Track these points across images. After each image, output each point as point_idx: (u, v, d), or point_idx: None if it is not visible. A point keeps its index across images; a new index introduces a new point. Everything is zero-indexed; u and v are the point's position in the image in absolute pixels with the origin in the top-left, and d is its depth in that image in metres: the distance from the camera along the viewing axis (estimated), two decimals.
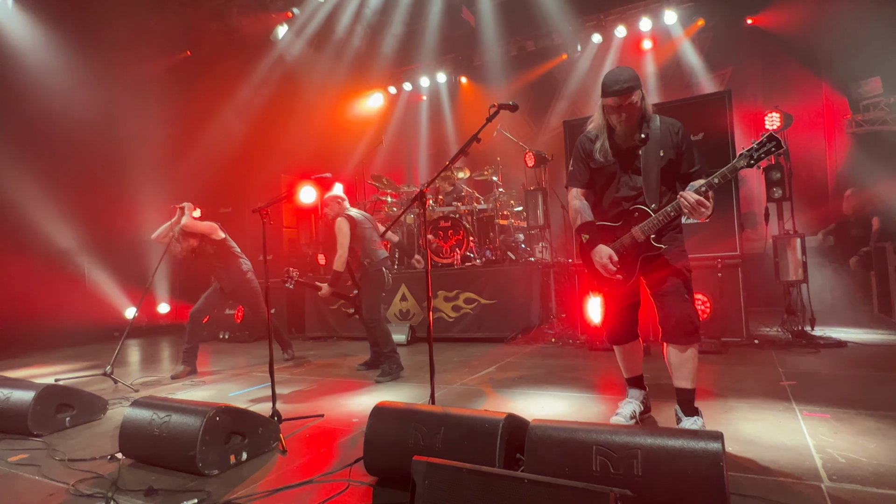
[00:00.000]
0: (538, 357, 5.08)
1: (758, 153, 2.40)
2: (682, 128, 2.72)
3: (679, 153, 2.67)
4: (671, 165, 2.67)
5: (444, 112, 10.66)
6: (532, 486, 1.55)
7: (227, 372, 5.28)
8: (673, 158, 2.67)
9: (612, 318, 2.92)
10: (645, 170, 2.67)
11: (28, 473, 2.73)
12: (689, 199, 2.43)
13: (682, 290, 2.65)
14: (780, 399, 3.22)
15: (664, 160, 2.66)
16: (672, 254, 2.69)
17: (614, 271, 2.66)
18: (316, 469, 2.53)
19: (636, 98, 2.60)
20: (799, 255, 5.08)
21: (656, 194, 2.64)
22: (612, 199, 2.77)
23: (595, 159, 2.79)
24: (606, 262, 2.66)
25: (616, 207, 2.76)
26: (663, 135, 2.68)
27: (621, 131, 2.69)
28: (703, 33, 8.67)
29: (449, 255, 6.96)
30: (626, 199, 2.72)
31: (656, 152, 2.66)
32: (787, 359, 4.33)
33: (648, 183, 2.65)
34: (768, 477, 2.15)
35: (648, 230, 2.61)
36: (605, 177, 2.79)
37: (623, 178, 2.73)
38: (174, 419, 2.63)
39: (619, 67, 2.68)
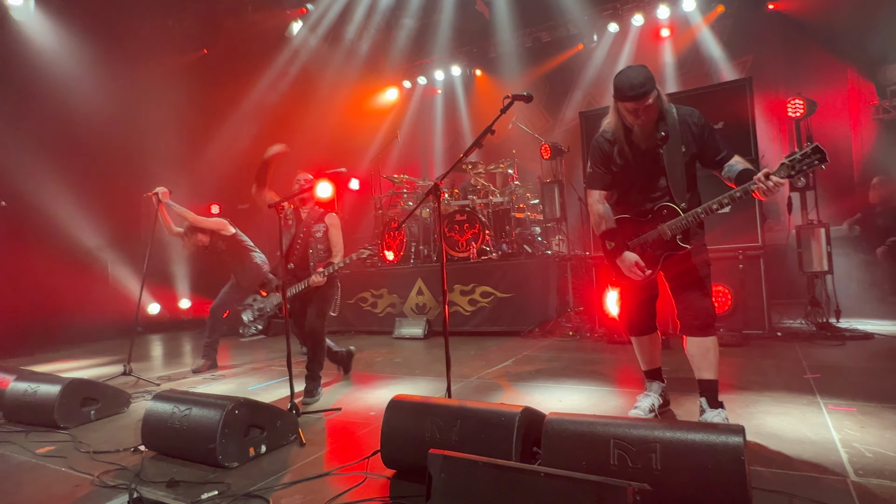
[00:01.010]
0: (555, 350, 5.05)
1: (801, 164, 2.27)
2: (699, 115, 2.65)
3: (701, 144, 2.61)
4: (694, 160, 2.64)
5: (459, 105, 10.61)
6: (549, 480, 1.54)
7: (247, 366, 5.34)
8: (696, 152, 2.63)
9: (630, 310, 2.90)
10: (669, 169, 2.62)
11: (55, 465, 2.80)
12: (764, 183, 2.30)
13: (702, 284, 2.63)
14: (803, 392, 3.15)
15: (687, 155, 2.62)
16: (695, 251, 2.65)
17: (643, 277, 2.65)
18: (334, 462, 2.55)
19: (652, 100, 2.52)
20: (823, 246, 4.96)
21: (683, 192, 2.61)
22: (638, 198, 2.74)
23: (616, 162, 2.74)
24: (634, 268, 2.65)
25: (642, 205, 2.73)
26: (682, 128, 2.62)
27: (639, 132, 2.63)
28: (722, 20, 8.47)
29: (465, 248, 6.94)
30: (652, 200, 2.69)
31: (678, 149, 2.60)
32: (810, 351, 4.24)
33: (675, 182, 2.61)
34: (792, 471, 2.11)
35: (676, 229, 2.58)
36: (628, 178, 2.75)
37: (648, 179, 2.70)
38: (194, 412, 2.67)
39: (631, 68, 2.56)
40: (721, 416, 2.56)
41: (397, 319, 6.75)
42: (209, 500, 2.21)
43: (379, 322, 7.10)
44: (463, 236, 6.98)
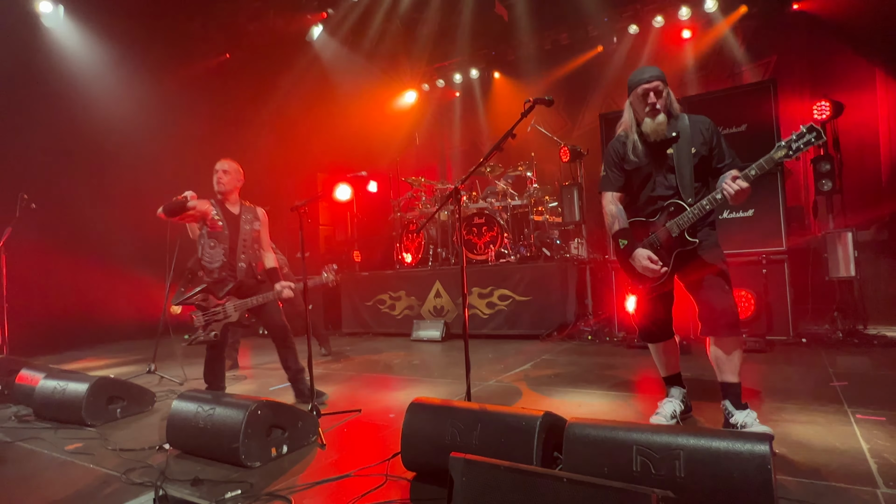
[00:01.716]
0: (574, 354, 5.02)
1: (797, 144, 2.35)
2: (711, 123, 2.72)
3: (710, 149, 2.66)
4: (703, 162, 2.66)
5: (478, 108, 10.61)
6: (571, 486, 1.54)
7: (268, 366, 5.41)
8: (705, 155, 2.66)
9: (645, 317, 2.88)
10: (678, 167, 2.67)
11: (83, 462, 2.87)
12: (731, 187, 2.40)
13: (721, 282, 2.61)
14: (830, 400, 3.09)
15: (696, 157, 2.66)
16: (707, 249, 2.67)
17: (659, 273, 2.63)
18: (354, 463, 2.57)
19: (663, 88, 2.65)
20: (850, 251, 4.86)
21: (691, 190, 2.63)
22: (648, 197, 2.78)
23: (629, 160, 2.80)
24: (647, 263, 2.65)
25: (652, 205, 2.77)
26: (693, 132, 2.68)
27: (650, 123, 2.67)
28: (745, 21, 8.34)
29: (483, 251, 6.94)
30: (662, 198, 2.72)
31: (688, 150, 2.66)
32: (837, 359, 4.15)
33: (683, 180, 2.65)
34: (819, 481, 2.07)
35: (683, 224, 2.60)
36: (640, 177, 2.79)
37: (658, 178, 2.74)
38: (218, 412, 2.72)
39: (644, 66, 2.76)
40: (751, 416, 2.51)
41: (415, 322, 6.77)
42: (233, 499, 2.24)
43: (397, 324, 7.13)
44: (481, 239, 6.98)
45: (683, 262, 2.67)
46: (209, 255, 3.81)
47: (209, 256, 3.81)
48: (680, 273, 2.72)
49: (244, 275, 3.86)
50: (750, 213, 5.04)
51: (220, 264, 3.81)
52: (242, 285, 3.84)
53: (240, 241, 3.87)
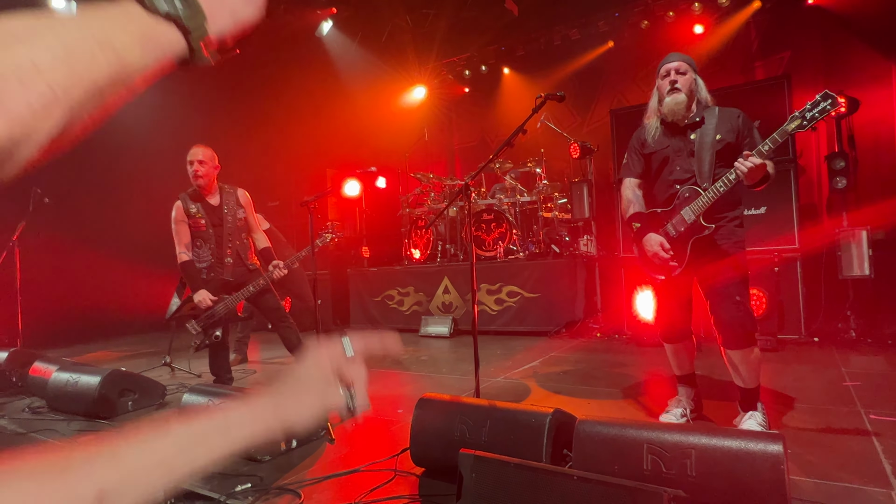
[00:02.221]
0: (583, 352, 5.00)
1: (811, 113, 2.26)
2: (742, 114, 2.64)
3: (739, 136, 2.57)
4: (728, 149, 2.56)
5: (487, 104, 10.57)
6: (581, 484, 1.53)
7: (277, 361, 5.44)
8: (732, 142, 2.57)
9: (664, 314, 2.83)
10: (698, 152, 2.60)
11: None
12: (744, 164, 2.31)
13: (734, 291, 2.52)
14: (843, 401, 3.05)
15: (721, 143, 2.57)
16: (727, 246, 2.58)
17: (667, 259, 2.58)
18: (363, 458, 2.58)
19: (686, 70, 2.61)
20: (865, 249, 4.79)
21: (709, 176, 2.55)
22: (665, 182, 2.71)
23: (648, 145, 2.75)
24: (657, 249, 2.59)
25: (668, 190, 2.69)
26: (722, 120, 2.60)
27: (668, 101, 2.61)
28: (759, 16, 8.23)
29: (492, 247, 6.92)
30: (679, 182, 2.65)
31: (712, 135, 2.59)
32: (850, 358, 4.10)
33: (701, 165, 2.58)
34: (832, 482, 2.05)
35: (698, 210, 2.52)
36: (658, 162, 2.73)
37: (676, 162, 2.67)
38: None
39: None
40: (756, 419, 2.49)
41: (423, 318, 6.77)
42: (243, 492, 2.26)
43: (405, 320, 7.14)
44: (490, 235, 6.96)
45: (701, 255, 2.58)
46: (196, 256, 3.67)
47: (197, 257, 3.67)
48: (697, 270, 2.64)
49: (232, 269, 3.74)
50: (762, 211, 4.98)
51: (208, 264, 3.69)
52: (226, 281, 3.72)
53: (225, 236, 3.70)
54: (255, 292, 3.71)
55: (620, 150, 5.91)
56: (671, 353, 2.90)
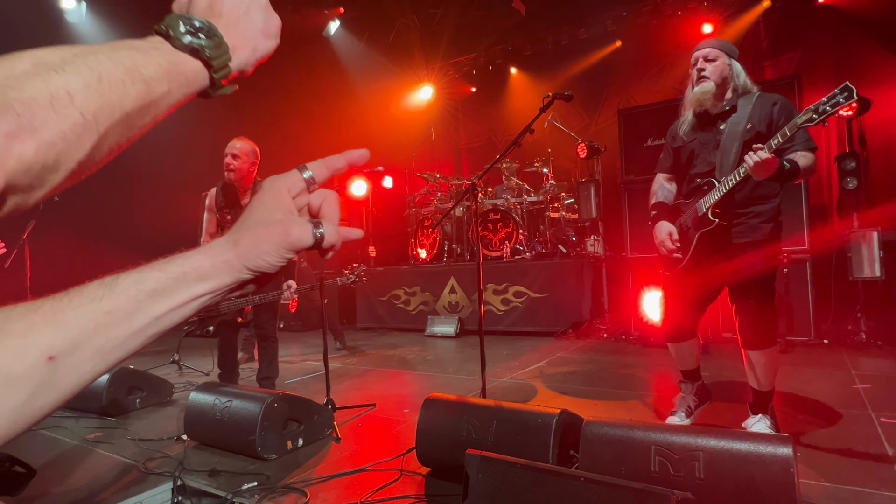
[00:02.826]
0: (589, 352, 4.98)
1: (824, 107, 2.14)
2: (782, 100, 2.46)
3: (771, 127, 2.39)
4: (759, 139, 2.35)
5: (494, 103, 10.56)
6: (588, 485, 1.52)
7: (283, 360, 5.44)
8: (763, 132, 2.40)
9: (670, 314, 2.77)
10: (724, 143, 2.48)
11: (103, 450, 2.92)
12: (751, 158, 2.19)
13: (750, 291, 2.46)
14: (853, 403, 3.02)
15: (751, 133, 2.42)
16: (742, 243, 2.47)
17: (672, 249, 2.53)
18: (369, 457, 2.58)
19: (716, 56, 2.48)
20: (875, 250, 4.74)
21: (731, 168, 2.40)
22: (689, 175, 2.64)
23: (678, 138, 2.68)
24: (664, 238, 2.55)
25: (691, 183, 2.62)
26: (756, 107, 2.45)
27: (694, 92, 2.53)
28: (768, 15, 8.17)
29: (498, 247, 6.91)
30: (700, 175, 2.56)
31: (743, 125, 2.45)
32: (860, 361, 4.06)
33: (724, 157, 2.46)
34: (842, 485, 2.03)
35: (709, 203, 2.44)
36: (686, 155, 2.66)
37: (702, 154, 2.58)
38: (235, 404, 2.74)
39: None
40: (765, 422, 2.47)
41: (429, 317, 6.77)
42: (249, 490, 2.26)
43: (411, 319, 7.15)
44: (496, 235, 6.95)
45: (711, 251, 2.49)
46: None
47: None
48: (708, 270, 2.53)
49: None
50: None
51: None
52: None
53: None
54: (260, 304, 3.59)
55: (628, 149, 5.88)
56: (675, 351, 2.83)
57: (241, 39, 0.64)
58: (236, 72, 0.65)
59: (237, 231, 0.55)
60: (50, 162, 0.46)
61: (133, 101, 0.52)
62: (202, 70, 0.60)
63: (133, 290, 0.48)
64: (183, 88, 0.58)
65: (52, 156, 0.45)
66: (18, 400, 0.41)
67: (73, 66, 0.48)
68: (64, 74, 0.47)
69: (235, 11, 0.64)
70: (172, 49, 0.57)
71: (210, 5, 0.62)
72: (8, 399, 0.40)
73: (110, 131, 0.50)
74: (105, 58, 0.50)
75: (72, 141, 0.47)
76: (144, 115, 0.55)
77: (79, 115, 0.47)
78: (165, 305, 0.49)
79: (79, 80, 0.47)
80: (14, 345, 0.41)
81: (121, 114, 0.51)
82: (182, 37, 0.58)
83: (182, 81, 0.58)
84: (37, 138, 0.44)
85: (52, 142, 0.45)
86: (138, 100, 0.52)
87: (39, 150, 0.44)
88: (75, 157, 0.48)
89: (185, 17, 0.59)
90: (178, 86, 0.57)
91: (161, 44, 0.57)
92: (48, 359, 0.42)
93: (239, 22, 0.64)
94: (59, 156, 0.46)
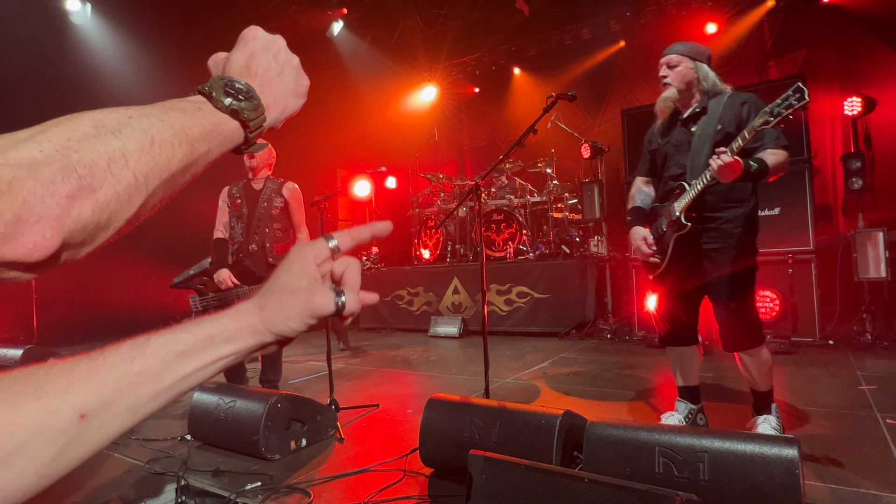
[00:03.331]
0: (593, 353, 4.97)
1: (778, 108, 2.16)
2: (751, 99, 2.47)
3: (741, 127, 2.37)
4: (729, 140, 2.34)
5: (497, 104, 10.56)
6: (593, 486, 1.52)
7: (286, 360, 5.45)
8: (731, 132, 2.40)
9: (663, 315, 2.72)
10: (695, 145, 2.49)
11: (107, 450, 2.92)
12: (714, 162, 2.19)
13: (726, 295, 2.43)
14: (859, 405, 3.01)
15: (720, 134, 2.43)
16: (714, 247, 2.47)
17: (649, 253, 2.55)
18: (372, 458, 2.58)
19: (679, 62, 2.52)
20: (881, 251, 4.72)
21: (700, 171, 2.41)
22: (664, 178, 2.66)
23: (654, 142, 2.72)
24: (640, 243, 2.57)
25: (665, 187, 2.64)
26: (726, 108, 2.47)
27: (659, 100, 2.60)
28: (773, 14, 8.15)
29: (502, 248, 6.91)
30: (673, 178, 2.58)
31: (712, 126, 2.46)
32: (866, 361, 4.04)
33: (695, 159, 2.47)
34: (849, 487, 2.01)
35: (681, 207, 2.44)
36: (661, 158, 2.68)
37: (675, 157, 2.60)
38: (238, 405, 2.75)
39: None
40: (770, 422, 2.46)
41: (433, 318, 6.77)
42: (253, 490, 2.27)
43: (415, 320, 7.15)
44: (500, 236, 6.95)
45: (688, 255, 2.49)
46: (232, 235, 3.60)
47: (232, 236, 3.60)
48: (690, 273, 2.53)
49: (253, 258, 3.55)
50: (776, 212, 4.92)
51: (237, 246, 3.58)
52: (250, 270, 3.53)
53: (254, 220, 3.55)
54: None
55: (631, 150, 5.86)
56: (673, 359, 2.76)
57: (274, 99, 0.67)
58: (267, 129, 0.68)
59: (264, 296, 0.57)
60: (103, 221, 0.48)
61: (179, 162, 0.55)
62: (239, 130, 0.63)
63: (163, 351, 0.50)
64: (221, 147, 0.62)
65: (105, 215, 0.48)
66: (49, 456, 0.42)
67: (129, 129, 0.50)
68: (121, 137, 0.49)
69: (270, 72, 0.67)
70: (214, 110, 0.60)
71: (247, 65, 0.65)
72: (40, 455, 0.42)
73: (157, 190, 0.54)
74: (157, 121, 0.53)
75: (124, 201, 0.49)
76: (186, 174, 0.58)
77: (132, 177, 0.50)
78: (192, 366, 0.51)
79: (134, 143, 0.50)
80: (51, 403, 0.42)
81: (168, 174, 0.54)
82: (224, 99, 0.60)
83: (221, 141, 0.61)
84: (94, 199, 0.46)
85: (108, 202, 0.48)
86: (183, 160, 0.55)
87: (95, 211, 0.47)
88: (125, 216, 0.51)
89: (226, 79, 0.62)
90: (217, 145, 0.60)
91: (204, 104, 0.60)
92: (80, 416, 0.43)
93: (273, 82, 0.67)
94: (112, 215, 0.49)
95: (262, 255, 3.58)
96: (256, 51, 0.66)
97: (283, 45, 0.70)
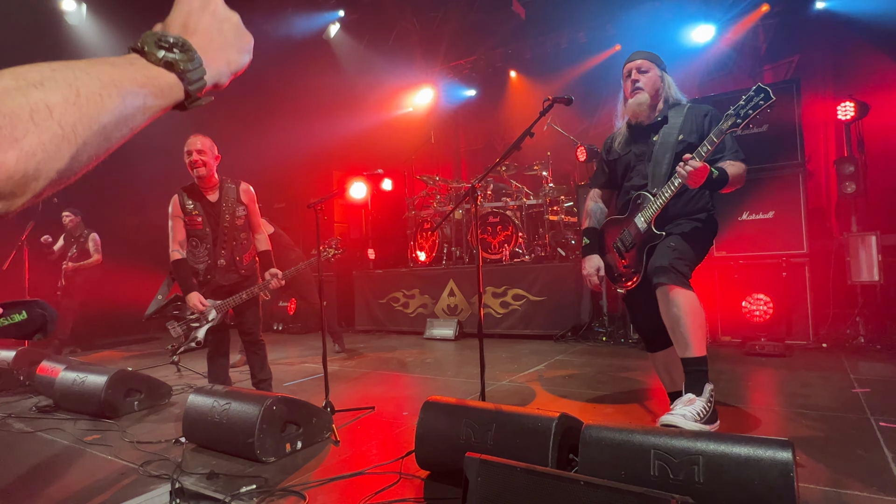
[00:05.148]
0: (588, 356, 4.98)
1: (744, 110, 2.18)
2: (712, 112, 2.52)
3: (702, 137, 2.40)
4: (690, 150, 2.37)
5: (494, 106, 10.58)
6: (588, 489, 1.52)
7: (281, 363, 5.44)
8: (693, 143, 2.43)
9: (640, 324, 2.70)
10: (656, 154, 2.51)
11: (101, 453, 2.91)
12: (683, 168, 2.24)
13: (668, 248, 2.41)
14: (852, 408, 3.02)
15: (682, 144, 2.47)
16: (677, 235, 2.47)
17: (596, 284, 2.62)
18: (368, 460, 2.57)
19: (649, 68, 2.54)
20: (874, 254, 4.75)
21: (663, 180, 2.43)
22: (624, 188, 2.68)
23: (613, 151, 2.73)
24: (592, 273, 2.62)
25: (626, 196, 2.65)
26: (687, 119, 2.51)
27: (630, 103, 2.59)
28: (767, 19, 8.20)
29: (497, 250, 6.92)
30: (634, 188, 2.59)
31: (675, 136, 2.50)
32: (859, 364, 4.06)
33: (657, 168, 2.49)
34: (843, 490, 2.02)
35: (649, 217, 2.45)
36: (622, 168, 2.70)
37: (637, 167, 2.62)
38: (233, 407, 2.74)
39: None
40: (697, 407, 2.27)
41: (428, 320, 6.77)
42: (248, 493, 2.26)
43: (410, 322, 7.14)
44: (496, 238, 6.95)
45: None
46: (193, 257, 3.41)
47: (193, 257, 3.41)
48: None
49: (224, 272, 3.46)
50: (770, 216, 4.95)
51: (205, 265, 3.42)
52: (220, 285, 3.47)
53: (220, 236, 3.41)
54: (242, 303, 3.48)
55: None
56: (659, 366, 2.73)
57: (215, 54, 0.69)
58: (211, 84, 0.69)
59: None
60: (31, 171, 0.49)
61: (110, 114, 0.56)
62: (177, 83, 0.63)
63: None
64: (159, 101, 0.62)
65: (32, 165, 0.49)
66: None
67: (52, 82, 0.52)
68: (43, 90, 0.51)
69: (208, 28, 0.68)
70: (147, 64, 0.61)
71: (184, 24, 0.67)
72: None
73: (88, 142, 0.54)
74: (82, 73, 0.54)
75: (51, 151, 0.50)
76: (122, 127, 0.58)
77: (57, 127, 0.51)
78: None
79: (57, 95, 0.51)
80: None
81: (98, 126, 0.55)
82: (157, 52, 0.62)
83: (157, 94, 0.61)
84: (17, 148, 0.47)
85: (33, 152, 0.49)
86: (115, 112, 0.56)
87: (20, 160, 0.48)
88: (55, 167, 0.51)
89: (158, 34, 0.63)
90: (153, 99, 0.61)
91: (137, 59, 0.61)
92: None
93: (212, 38, 0.69)
94: (39, 165, 0.50)
95: (232, 268, 3.49)
96: (193, 9, 0.68)
97: (221, 2, 0.71)
